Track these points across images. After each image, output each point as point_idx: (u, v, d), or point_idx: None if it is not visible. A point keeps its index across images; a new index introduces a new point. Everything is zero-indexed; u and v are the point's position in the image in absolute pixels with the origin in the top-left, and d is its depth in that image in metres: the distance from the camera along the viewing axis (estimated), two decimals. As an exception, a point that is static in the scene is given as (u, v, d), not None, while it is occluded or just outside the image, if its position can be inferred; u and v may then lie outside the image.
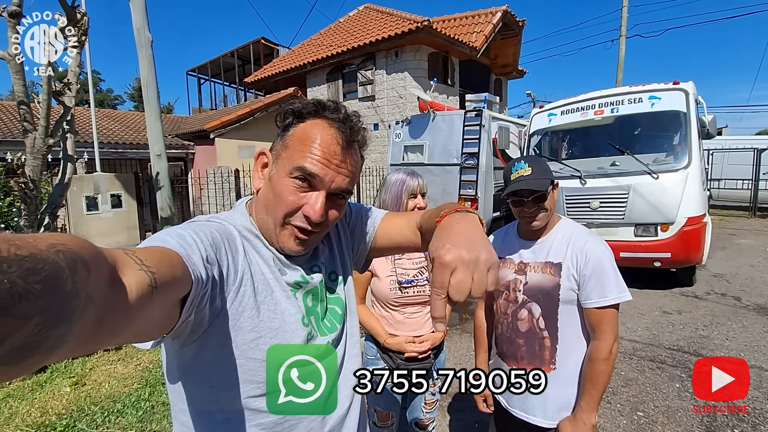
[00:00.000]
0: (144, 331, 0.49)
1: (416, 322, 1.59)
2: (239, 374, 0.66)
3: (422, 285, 1.57)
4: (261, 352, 0.67)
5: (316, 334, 0.76)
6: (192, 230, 0.60)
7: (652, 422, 2.45)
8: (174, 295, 0.50)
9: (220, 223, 0.70)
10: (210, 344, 0.63)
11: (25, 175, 2.67)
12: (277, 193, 0.68)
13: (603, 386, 1.23)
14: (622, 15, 12.51)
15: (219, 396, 0.67)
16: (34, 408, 2.63)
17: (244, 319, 0.65)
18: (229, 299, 0.63)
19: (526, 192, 1.29)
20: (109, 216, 5.98)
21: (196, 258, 0.55)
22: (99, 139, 7.38)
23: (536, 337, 1.32)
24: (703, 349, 3.37)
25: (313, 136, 0.68)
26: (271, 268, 0.72)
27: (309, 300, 0.78)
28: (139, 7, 3.89)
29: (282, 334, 0.69)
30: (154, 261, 0.45)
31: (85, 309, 0.32)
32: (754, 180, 10.74)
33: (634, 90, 5.06)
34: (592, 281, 1.22)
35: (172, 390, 0.70)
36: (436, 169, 6.79)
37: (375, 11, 12.05)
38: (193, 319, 0.56)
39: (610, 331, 1.22)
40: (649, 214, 4.60)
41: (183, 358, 0.65)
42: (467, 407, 2.56)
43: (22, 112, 2.66)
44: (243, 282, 0.66)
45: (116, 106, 31.69)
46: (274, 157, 0.71)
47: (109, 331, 0.38)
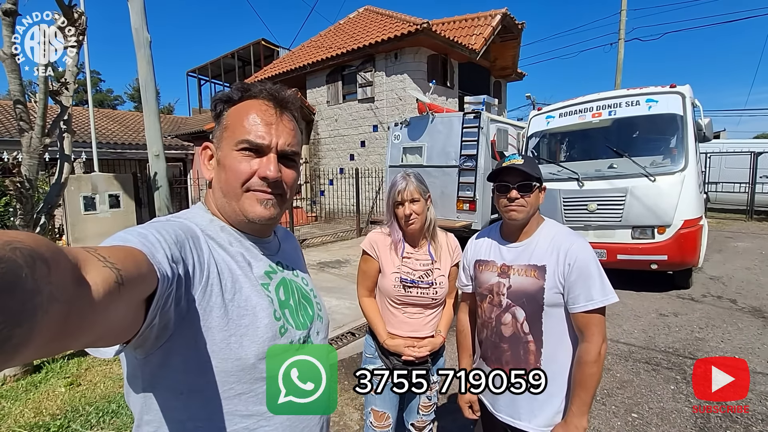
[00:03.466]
0: (111, 332, 0.47)
1: (417, 322, 1.58)
2: (210, 377, 0.64)
3: (425, 287, 1.56)
4: (232, 351, 0.65)
5: (291, 327, 0.75)
6: (154, 229, 0.58)
7: (647, 424, 2.45)
8: (140, 292, 0.49)
9: (181, 221, 0.68)
10: (177, 349, 0.60)
11: (21, 174, 2.67)
12: (228, 168, 0.71)
13: (593, 389, 1.21)
14: (620, 18, 12.56)
15: (190, 403, 0.64)
16: (28, 408, 2.61)
17: (212, 319, 0.63)
18: (197, 299, 0.61)
19: (514, 177, 1.29)
20: (107, 216, 5.97)
21: (161, 256, 0.54)
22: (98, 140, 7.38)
23: (521, 341, 1.30)
24: (699, 351, 3.38)
25: (246, 110, 0.73)
26: (240, 264, 0.71)
27: (281, 293, 0.77)
28: (137, 7, 3.90)
29: (253, 330, 0.67)
30: (119, 258, 0.45)
31: (49, 306, 0.31)
32: (751, 183, 10.79)
33: (632, 93, 5.08)
34: (578, 285, 1.20)
35: (136, 402, 0.66)
36: (435, 171, 6.80)
37: (375, 13, 12.08)
38: (157, 322, 0.54)
39: (599, 333, 1.20)
40: (646, 217, 4.62)
41: (149, 367, 0.61)
42: (457, 409, 2.55)
43: (18, 111, 2.66)
44: (210, 280, 0.64)
45: (116, 107, 31.72)
46: (216, 143, 0.75)
47: (77, 329, 0.37)
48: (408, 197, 1.53)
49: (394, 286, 1.56)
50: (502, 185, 1.31)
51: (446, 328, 1.65)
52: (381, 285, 1.61)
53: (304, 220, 11.82)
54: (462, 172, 6.46)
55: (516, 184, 1.29)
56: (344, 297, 4.64)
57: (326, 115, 11.91)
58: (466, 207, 6.47)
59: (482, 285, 1.40)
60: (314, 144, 12.39)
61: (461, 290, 1.57)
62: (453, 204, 6.61)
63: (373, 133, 10.75)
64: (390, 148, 7.57)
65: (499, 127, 6.72)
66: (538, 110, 6.05)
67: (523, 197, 1.28)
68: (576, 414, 1.21)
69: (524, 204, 1.29)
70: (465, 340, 1.55)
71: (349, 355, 3.45)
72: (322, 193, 12.12)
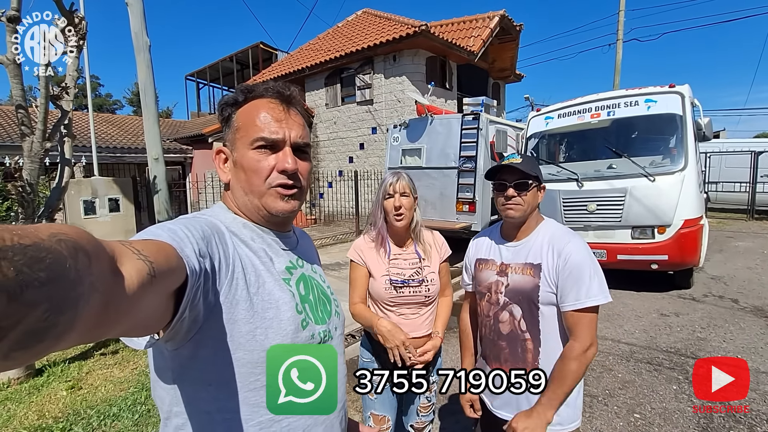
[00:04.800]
0: (142, 323, 0.49)
1: (413, 322, 1.57)
2: (237, 368, 0.66)
3: (416, 286, 1.56)
4: (258, 343, 0.67)
5: (311, 321, 0.77)
6: (182, 225, 0.60)
7: (649, 424, 2.45)
8: (171, 285, 0.51)
9: (207, 218, 0.71)
10: (206, 341, 0.63)
11: (23, 178, 2.68)
12: (248, 167, 0.74)
13: (569, 386, 1.19)
14: (618, 19, 12.59)
15: (219, 394, 0.66)
16: (32, 411, 2.62)
17: (238, 311, 0.65)
18: (222, 293, 0.63)
19: (511, 176, 1.30)
20: (107, 220, 5.98)
21: (189, 251, 0.56)
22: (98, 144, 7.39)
23: (518, 339, 1.30)
24: (700, 351, 3.37)
25: (256, 110, 0.75)
26: (262, 260, 0.73)
27: (302, 288, 0.79)
28: (137, 11, 3.91)
29: (277, 323, 0.70)
30: (151, 251, 0.46)
31: (90, 296, 0.33)
32: (752, 183, 10.78)
33: (631, 93, 5.08)
34: (569, 284, 1.20)
35: (165, 394, 0.68)
36: (434, 173, 6.80)
37: (373, 16, 12.12)
38: (188, 315, 0.56)
39: (587, 333, 1.19)
40: (645, 217, 4.62)
41: (178, 359, 0.64)
42: (460, 410, 2.55)
43: (20, 116, 2.67)
44: (235, 275, 0.66)
45: (115, 111, 31.77)
46: (230, 146, 0.77)
47: (113, 318, 0.39)
48: (400, 190, 1.55)
49: (385, 289, 1.55)
50: (500, 184, 1.33)
51: (443, 328, 1.64)
52: (372, 290, 1.60)
53: (304, 223, 11.82)
54: (461, 173, 6.47)
55: (513, 182, 1.30)
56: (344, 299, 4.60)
57: (325, 117, 11.93)
58: (465, 208, 6.47)
59: (481, 283, 1.41)
60: (313, 146, 12.40)
61: (464, 289, 1.57)
62: (452, 205, 6.61)
63: (372, 135, 10.76)
64: (389, 150, 7.57)
65: (498, 129, 6.73)
66: (536, 111, 6.06)
67: (519, 195, 1.29)
68: (544, 404, 1.19)
69: (521, 202, 1.29)
70: (467, 339, 1.56)
71: (349, 357, 3.45)
72: (321, 195, 12.13)
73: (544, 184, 1.36)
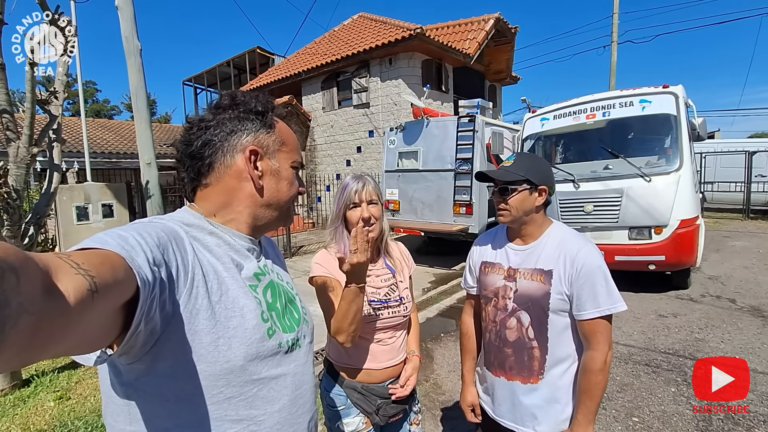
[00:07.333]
0: (87, 341, 0.46)
1: (392, 348, 1.38)
2: (200, 381, 0.62)
3: (395, 305, 1.37)
4: (221, 354, 0.63)
5: (278, 329, 0.74)
6: (135, 231, 0.56)
7: (648, 428, 2.41)
8: (118, 298, 0.47)
9: (164, 222, 0.66)
10: (165, 354, 0.59)
11: (8, 184, 2.63)
12: (290, 182, 0.80)
13: (599, 397, 1.18)
14: (613, 22, 12.67)
15: (178, 410, 0.62)
16: (15, 424, 2.55)
17: (199, 321, 0.61)
18: (182, 302, 0.60)
19: (497, 180, 1.29)
20: (101, 226, 5.91)
21: (141, 260, 0.52)
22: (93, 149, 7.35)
23: (525, 347, 1.26)
24: (699, 352, 3.34)
25: (290, 134, 0.83)
26: (226, 266, 0.70)
27: (269, 295, 0.76)
28: (127, 15, 3.89)
29: (242, 332, 0.66)
30: (93, 264, 0.43)
31: (18, 318, 0.31)
32: (747, 182, 10.82)
33: (625, 94, 5.08)
34: (585, 291, 1.16)
35: (119, 413, 0.63)
36: (431, 175, 6.80)
37: (369, 20, 12.14)
38: (143, 329, 0.52)
39: (605, 340, 1.17)
40: (642, 217, 4.60)
41: (134, 373, 0.60)
42: (459, 416, 2.51)
43: (5, 121, 2.63)
44: (195, 283, 0.62)
45: (113, 116, 31.69)
46: (270, 154, 0.77)
47: (48, 339, 0.36)
48: (367, 198, 1.30)
49: (364, 314, 1.26)
50: (492, 189, 1.32)
51: (417, 345, 1.48)
52: None
53: (301, 227, 11.77)
54: (458, 175, 6.46)
55: (496, 188, 1.28)
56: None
57: (322, 121, 11.92)
58: (462, 210, 6.46)
59: (488, 287, 1.36)
60: (311, 150, 12.38)
61: (466, 291, 1.51)
62: (449, 208, 6.60)
63: (369, 138, 10.75)
64: (386, 153, 7.56)
65: (494, 131, 6.73)
66: (532, 113, 6.06)
67: (504, 201, 1.26)
68: (581, 423, 1.19)
69: (507, 207, 1.26)
70: (468, 343, 1.51)
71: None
72: (318, 199, 12.08)
73: (544, 186, 1.27)
